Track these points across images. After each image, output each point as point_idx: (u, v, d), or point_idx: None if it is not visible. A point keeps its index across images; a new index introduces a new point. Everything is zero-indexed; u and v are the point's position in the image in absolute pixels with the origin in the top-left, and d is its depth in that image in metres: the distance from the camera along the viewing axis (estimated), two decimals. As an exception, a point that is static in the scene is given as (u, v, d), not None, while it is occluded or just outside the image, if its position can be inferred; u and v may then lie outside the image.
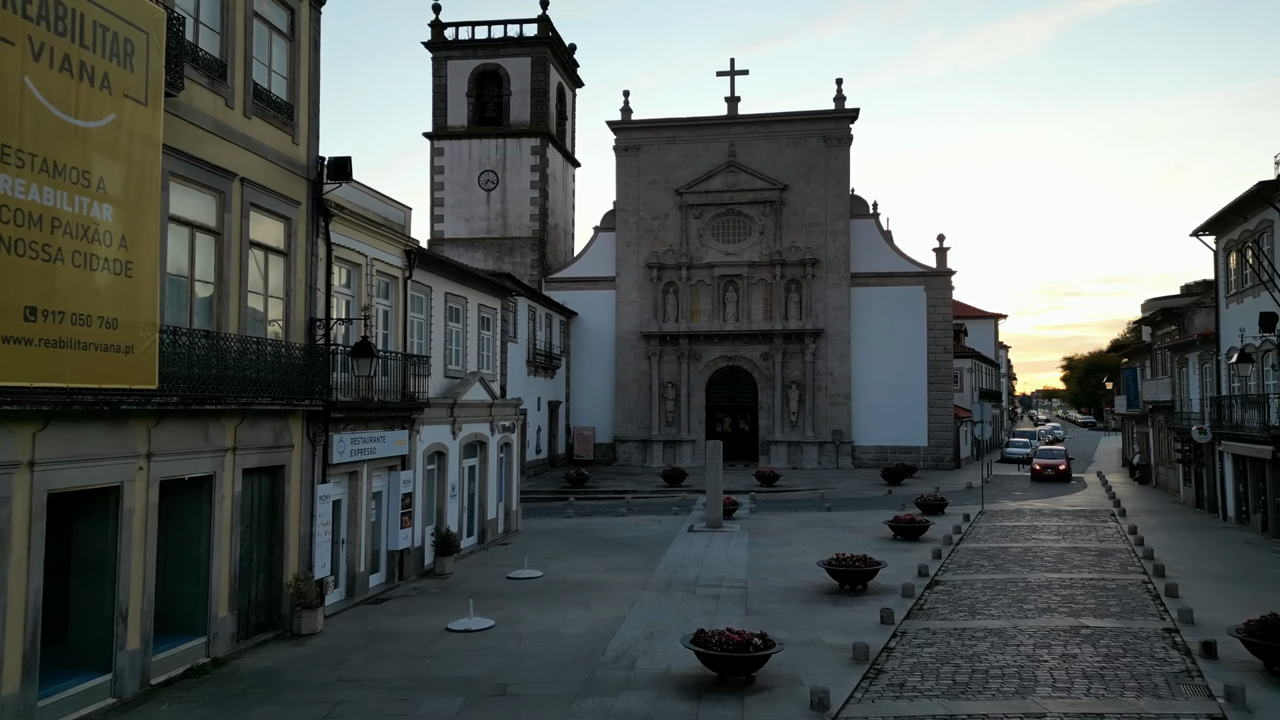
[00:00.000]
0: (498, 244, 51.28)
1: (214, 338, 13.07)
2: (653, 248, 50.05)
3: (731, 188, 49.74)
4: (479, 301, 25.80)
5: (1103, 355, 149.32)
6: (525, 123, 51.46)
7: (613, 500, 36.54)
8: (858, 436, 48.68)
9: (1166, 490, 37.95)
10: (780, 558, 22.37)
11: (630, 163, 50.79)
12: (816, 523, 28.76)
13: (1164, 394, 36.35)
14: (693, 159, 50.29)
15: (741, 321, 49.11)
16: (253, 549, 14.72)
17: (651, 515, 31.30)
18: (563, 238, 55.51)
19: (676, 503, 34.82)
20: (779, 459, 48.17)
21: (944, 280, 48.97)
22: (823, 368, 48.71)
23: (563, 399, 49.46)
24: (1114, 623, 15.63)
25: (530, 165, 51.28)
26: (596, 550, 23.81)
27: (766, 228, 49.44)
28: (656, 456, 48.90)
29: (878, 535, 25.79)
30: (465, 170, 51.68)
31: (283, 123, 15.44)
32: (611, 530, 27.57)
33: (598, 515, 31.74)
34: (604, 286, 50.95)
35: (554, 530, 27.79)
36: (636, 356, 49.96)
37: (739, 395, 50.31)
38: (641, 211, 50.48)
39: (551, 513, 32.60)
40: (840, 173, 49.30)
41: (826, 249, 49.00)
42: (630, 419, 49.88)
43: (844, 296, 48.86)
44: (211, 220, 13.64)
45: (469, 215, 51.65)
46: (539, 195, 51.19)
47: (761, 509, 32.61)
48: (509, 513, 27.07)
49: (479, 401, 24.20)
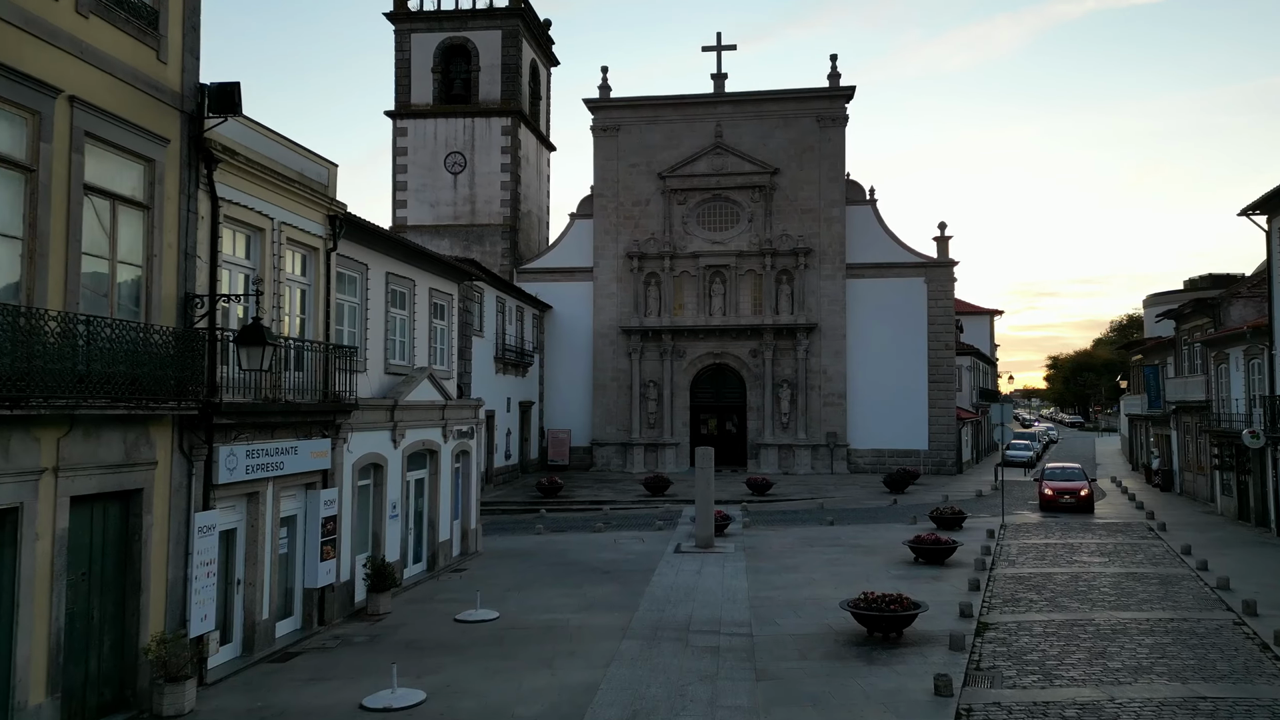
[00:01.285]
0: (465, 231, 47.39)
1: (15, 313, 9.21)
2: (633, 236, 46.34)
3: (718, 171, 46.11)
4: (431, 285, 21.98)
5: (1089, 354, 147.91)
6: (495, 101, 47.60)
7: (589, 512, 32.80)
8: (853, 439, 45.20)
9: (1196, 499, 34.70)
10: (788, 588, 18.72)
11: (609, 144, 47.03)
12: (821, 540, 25.15)
13: (1195, 393, 33.08)
14: (676, 140, 46.62)
15: (729, 315, 45.51)
16: (92, 605, 10.86)
17: (633, 531, 27.60)
18: (536, 226, 51.67)
19: (660, 515, 31.14)
20: (769, 463, 44.60)
21: (946, 271, 45.60)
22: (816, 365, 45.20)
23: (536, 399, 45.64)
24: (1233, 689, 12.09)
25: (501, 146, 47.43)
26: (568, 578, 20.07)
27: (755, 214, 45.86)
28: (637, 461, 45.19)
29: (895, 557, 22.20)
30: (430, 152, 47.74)
31: (141, 31, 11.57)
32: (586, 551, 23.83)
33: (572, 530, 28.01)
34: (581, 278, 47.18)
35: (520, 551, 24.00)
36: (615, 353, 46.25)
37: (726, 395, 46.71)
38: (621, 197, 46.75)
39: (520, 527, 28.81)
40: (835, 156, 45.81)
41: (820, 237, 45.49)
42: (609, 421, 46.15)
43: (839, 289, 45.37)
44: (20, 151, 9.79)
45: (434, 200, 47.71)
46: (510, 179, 47.35)
47: (756, 523, 28.98)
48: (467, 532, 23.26)
49: (428, 402, 20.38)
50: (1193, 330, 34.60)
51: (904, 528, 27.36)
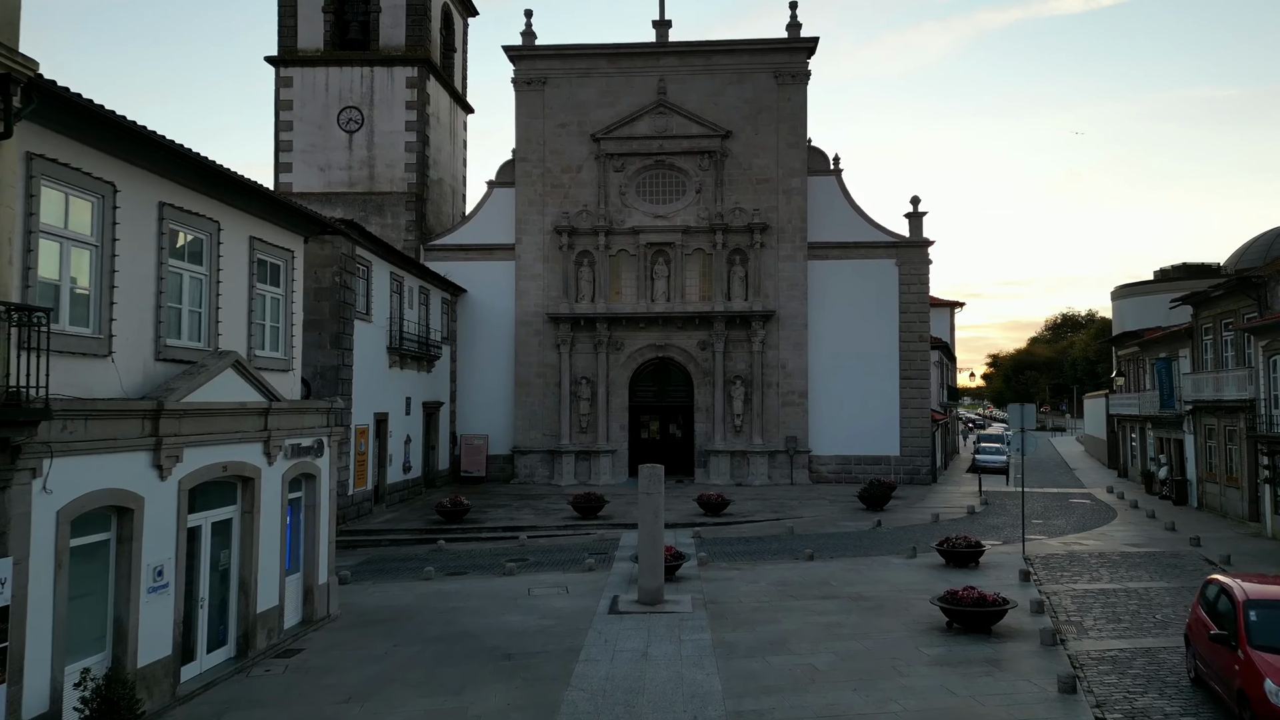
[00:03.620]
0: (363, 200, 40.05)
1: None
2: (562, 208, 39.60)
3: (661, 133, 39.65)
4: (254, 234, 15.01)
5: (1029, 353, 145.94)
6: (399, 48, 40.36)
7: (501, 541, 26.02)
8: (816, 444, 39.21)
9: (1226, 515, 29.45)
10: (782, 689, 12.29)
11: (533, 100, 40.20)
12: (805, 587, 18.83)
13: (1228, 390, 27.78)
14: (613, 97, 40.02)
15: (674, 301, 39.10)
16: None
17: (554, 573, 20.93)
18: (450, 198, 44.54)
19: (592, 546, 24.54)
20: (720, 473, 38.33)
21: (919, 252, 39.91)
22: (774, 359, 39.09)
23: (446, 399, 38.57)
24: None
25: (405, 101, 40.20)
26: (447, 669, 13.35)
27: (705, 184, 39.54)
28: (566, 471, 38.49)
29: (917, 619, 15.98)
30: (321, 106, 40.26)
31: None
32: (487, 610, 17.10)
33: (475, 573, 21.23)
34: (500, 256, 40.26)
35: (393, 613, 17.13)
36: (542, 345, 39.47)
37: (670, 393, 40.31)
38: (548, 162, 39.96)
39: (406, 569, 21.91)
40: (795, 117, 39.74)
41: (778, 212, 39.37)
42: (533, 424, 39.34)
43: (799, 271, 39.32)
44: None
45: (325, 163, 40.25)
46: (417, 139, 40.16)
47: (715, 555, 22.57)
48: (312, 591, 16.30)
49: (234, 405, 13.42)
50: (1219, 317, 29.32)
51: (904, 564, 21.26)
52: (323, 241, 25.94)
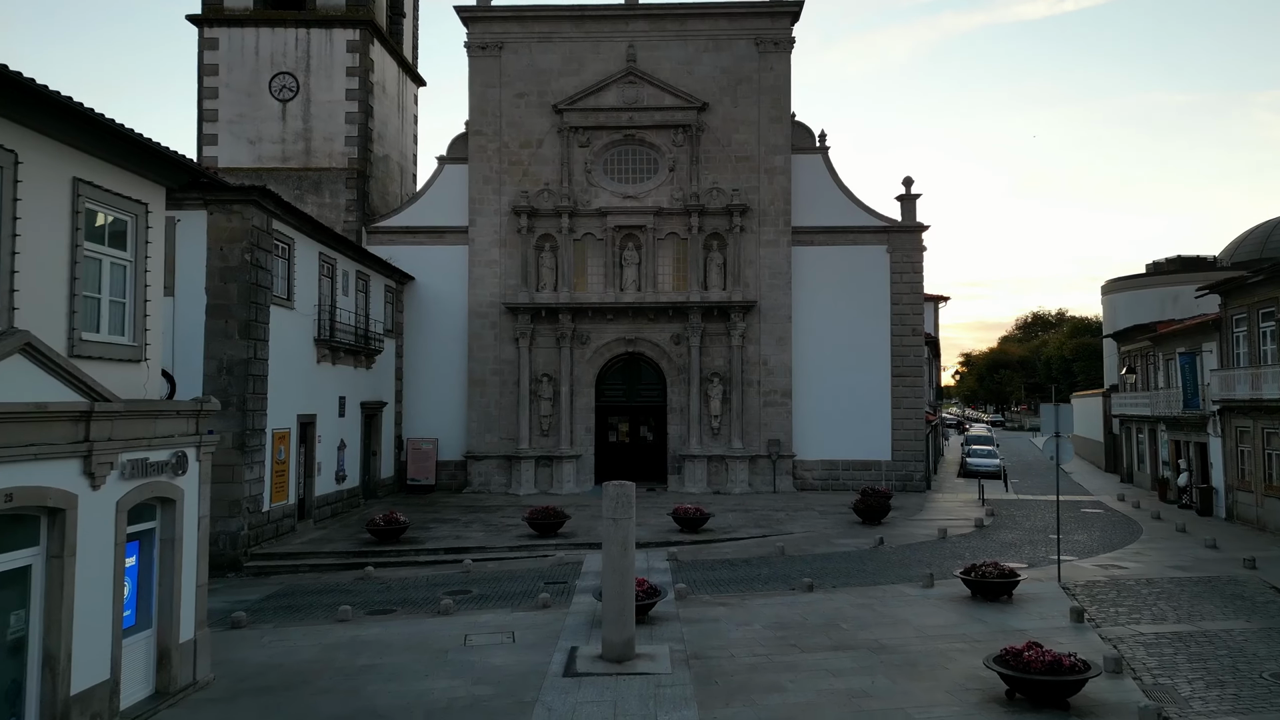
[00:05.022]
0: (298, 177, 35.88)
1: None
2: (521, 186, 35.71)
3: (631, 105, 35.88)
4: (79, 177, 11.02)
5: (1002, 352, 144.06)
6: (339, 7, 36.26)
7: (442, 566, 22.13)
8: (800, 449, 35.68)
9: (1265, 529, 26.26)
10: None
11: (489, 67, 36.25)
12: (810, 630, 15.17)
13: (1270, 388, 24.59)
14: (577, 64, 36.20)
15: (645, 291, 35.37)
16: None
17: (500, 611, 17.10)
18: (397, 177, 40.44)
19: (549, 572, 20.75)
20: (696, 479, 34.66)
21: (913, 237, 36.52)
22: (755, 355, 35.51)
23: (390, 399, 34.51)
24: None
25: (346, 67, 36.10)
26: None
27: (679, 162, 35.85)
28: (526, 479, 34.60)
29: (964, 681, 12.36)
30: (251, 71, 36.03)
31: None
32: (406, 674, 13.25)
33: (404, 611, 17.35)
34: (452, 240, 36.28)
35: (283, 677, 13.21)
36: (499, 339, 35.57)
37: (641, 393, 36.59)
38: (505, 135, 36.04)
39: (322, 605, 18.00)
40: (778, 89, 36.16)
41: (760, 193, 35.79)
42: (489, 427, 35.40)
43: (783, 257, 35.76)
44: None
45: (256, 135, 36.01)
46: (359, 110, 36.07)
47: (696, 586, 18.87)
48: (169, 654, 12.30)
49: (23, 408, 9.45)
50: (1256, 306, 26.16)
51: (922, 596, 17.71)
52: (229, 211, 21.92)
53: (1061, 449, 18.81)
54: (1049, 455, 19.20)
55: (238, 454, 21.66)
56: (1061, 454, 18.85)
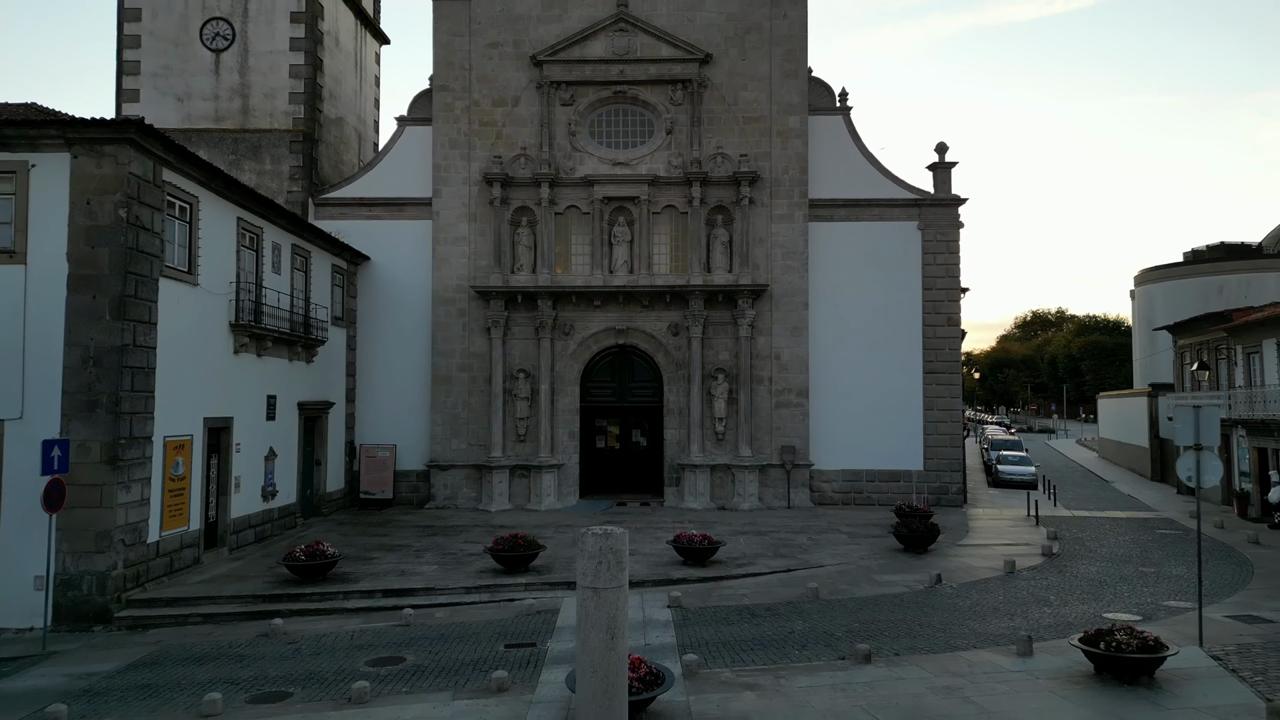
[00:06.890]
0: (234, 140, 30.75)
1: None
2: (494, 151, 30.66)
3: (622, 56, 30.87)
4: None
5: (1005, 351, 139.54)
6: (283, -57, 31.14)
7: (376, 615, 17.05)
8: (819, 457, 30.74)
9: (1399, 558, 21.42)
10: None
11: (456, 11, 31.18)
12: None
13: None
14: (559, 9, 31.17)
15: (638, 273, 30.36)
16: None
17: (434, 699, 12.02)
18: (354, 143, 35.32)
19: (512, 626, 15.71)
20: (698, 492, 29.68)
21: (949, 212, 31.62)
22: (765, 347, 30.55)
23: (339, 399, 29.40)
24: None
25: (291, 13, 31.00)
26: None
27: (678, 123, 30.85)
28: (499, 492, 29.55)
29: None
30: (179, 16, 30.90)
31: None
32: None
33: (299, 698, 12.27)
34: (414, 213, 31.18)
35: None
36: (468, 329, 30.51)
37: (633, 391, 31.57)
38: (476, 92, 30.97)
39: (194, 683, 12.92)
40: (793, 40, 31.21)
41: (771, 159, 30.82)
42: (456, 431, 30.32)
43: (798, 235, 30.80)
44: None
45: (184, 91, 30.86)
46: (305, 63, 30.97)
47: (710, 657, 13.81)
48: None
49: None
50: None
51: (1024, 674, 12.72)
52: (99, 154, 16.83)
53: (1205, 467, 13.84)
54: (1186, 475, 14.20)
55: (107, 470, 16.55)
56: (1205, 474, 13.87)
